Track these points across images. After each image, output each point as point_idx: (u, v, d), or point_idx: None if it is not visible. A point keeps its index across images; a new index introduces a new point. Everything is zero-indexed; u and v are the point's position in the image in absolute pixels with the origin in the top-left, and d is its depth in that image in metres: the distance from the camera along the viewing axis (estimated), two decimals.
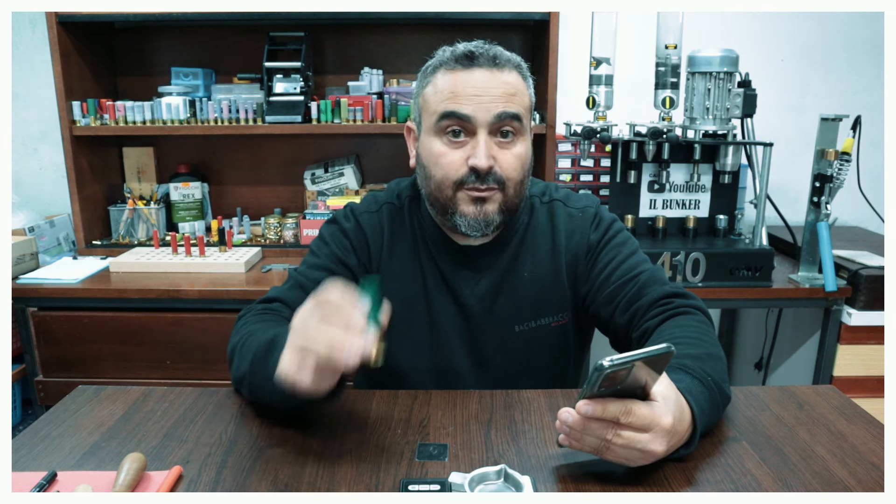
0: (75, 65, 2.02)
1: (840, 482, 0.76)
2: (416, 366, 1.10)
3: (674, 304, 1.00)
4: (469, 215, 0.99)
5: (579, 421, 0.73)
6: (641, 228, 1.92)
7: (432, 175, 1.00)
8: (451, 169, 0.98)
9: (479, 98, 0.96)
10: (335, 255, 1.08)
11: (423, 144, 1.03)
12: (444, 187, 0.99)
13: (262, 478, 0.77)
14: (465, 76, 0.98)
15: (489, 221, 1.00)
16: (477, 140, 0.97)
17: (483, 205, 0.99)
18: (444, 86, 0.98)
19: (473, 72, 0.98)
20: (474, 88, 0.97)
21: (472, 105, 0.96)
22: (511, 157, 0.99)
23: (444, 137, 0.99)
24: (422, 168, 1.03)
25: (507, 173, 0.99)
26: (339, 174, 2.20)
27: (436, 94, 0.99)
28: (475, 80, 0.97)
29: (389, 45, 2.23)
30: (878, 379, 1.80)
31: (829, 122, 1.70)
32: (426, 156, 1.02)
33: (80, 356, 1.79)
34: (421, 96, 1.03)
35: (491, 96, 0.97)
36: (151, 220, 2.15)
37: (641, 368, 0.70)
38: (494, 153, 0.98)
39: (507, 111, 0.97)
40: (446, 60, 1.00)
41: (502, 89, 0.97)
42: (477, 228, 1.00)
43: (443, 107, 0.98)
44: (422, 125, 1.03)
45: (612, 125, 1.78)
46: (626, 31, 2.05)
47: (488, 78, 0.97)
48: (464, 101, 0.96)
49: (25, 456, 0.82)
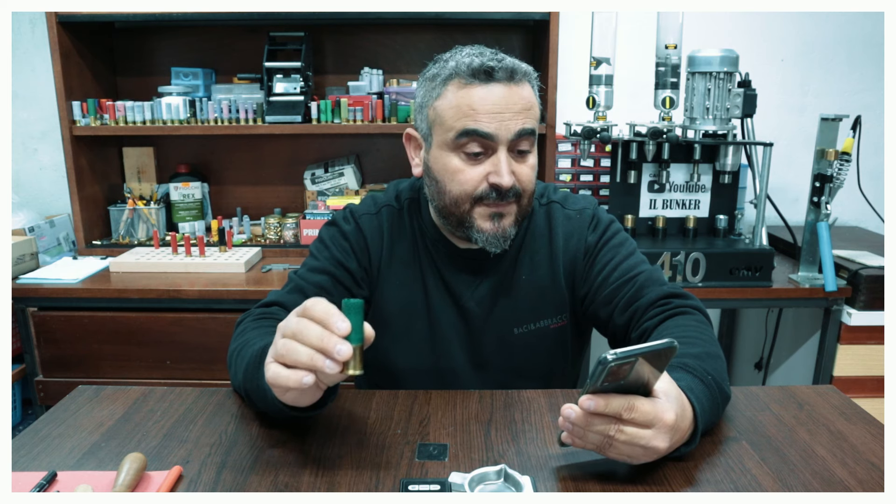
0: (75, 65, 2.02)
1: (840, 482, 0.76)
2: (416, 368, 1.10)
3: (673, 305, 1.00)
4: (487, 231, 0.99)
5: (582, 416, 0.73)
6: (641, 228, 1.92)
7: (448, 190, 0.99)
8: (470, 186, 0.98)
9: (500, 115, 0.95)
10: (335, 257, 1.08)
11: (435, 158, 1.01)
12: (461, 202, 0.99)
13: (262, 478, 0.77)
14: (483, 92, 0.95)
15: (507, 236, 1.01)
16: (498, 158, 0.96)
17: (500, 220, 0.99)
18: (461, 101, 0.96)
19: (491, 87, 0.95)
20: (493, 105, 0.95)
21: (494, 123, 0.95)
22: (527, 169, 0.99)
23: (461, 154, 0.98)
24: (433, 181, 1.02)
25: (524, 186, 0.99)
26: (339, 174, 2.20)
27: (451, 109, 0.97)
28: (494, 96, 0.95)
29: (389, 45, 2.23)
30: (878, 379, 1.80)
31: (829, 122, 1.70)
32: (440, 170, 1.00)
33: (80, 356, 1.79)
34: (431, 108, 1.00)
35: (510, 112, 0.95)
36: (151, 220, 2.15)
37: (644, 364, 0.70)
38: (513, 168, 0.97)
39: (525, 128, 0.96)
40: (460, 73, 0.96)
41: (520, 105, 0.96)
42: (496, 245, 1.00)
43: (461, 124, 0.96)
44: (432, 137, 1.01)
45: (612, 125, 1.78)
46: (626, 31, 2.05)
47: (507, 94, 0.96)
48: (484, 118, 0.95)
49: (25, 456, 0.82)
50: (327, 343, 0.68)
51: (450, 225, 1.03)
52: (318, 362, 0.68)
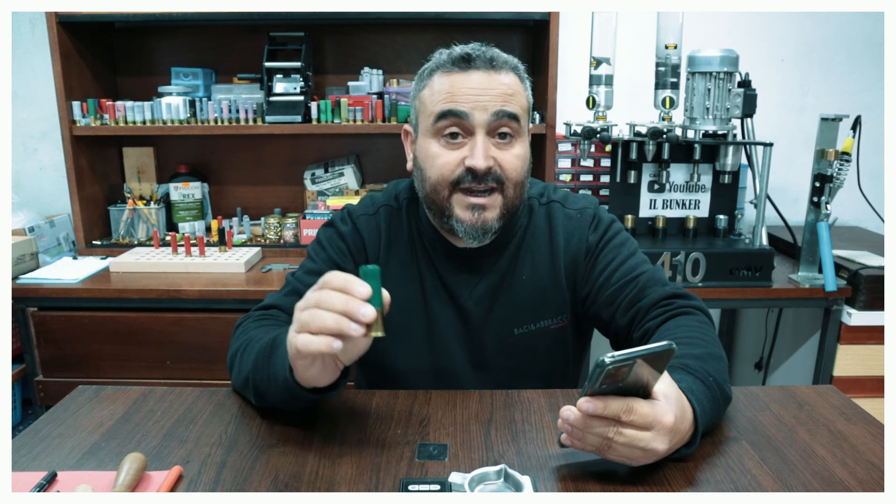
0: (75, 65, 2.02)
1: (840, 482, 0.76)
2: (415, 368, 1.10)
3: (675, 305, 1.00)
4: (466, 221, 0.99)
5: (581, 418, 0.73)
6: (641, 228, 1.92)
7: (428, 176, 1.00)
8: (447, 169, 0.98)
9: (477, 98, 0.96)
10: (331, 259, 1.08)
11: (419, 146, 1.02)
12: (439, 188, 0.99)
13: (262, 478, 0.77)
14: (462, 78, 0.97)
15: (487, 229, 1.00)
16: (475, 140, 0.97)
17: (482, 212, 0.99)
18: (441, 87, 0.98)
19: (470, 74, 0.97)
20: (471, 89, 0.96)
21: (470, 104, 0.96)
22: (511, 156, 0.99)
23: (440, 139, 0.99)
24: (418, 170, 1.03)
25: (508, 173, 0.98)
26: (339, 174, 2.20)
27: (432, 96, 0.99)
28: (472, 81, 0.97)
29: (389, 45, 2.23)
30: (878, 379, 1.80)
31: (829, 122, 1.70)
32: (422, 157, 1.01)
33: (80, 356, 1.79)
34: (417, 99, 1.03)
35: (489, 96, 0.96)
36: (151, 220, 2.15)
37: (643, 366, 0.70)
38: (493, 153, 0.97)
39: (504, 110, 0.97)
40: (443, 63, 0.99)
41: (500, 90, 0.97)
42: (474, 236, 1.00)
43: (439, 107, 0.97)
44: (419, 128, 1.03)
45: (612, 125, 1.78)
46: (626, 31, 2.05)
47: (486, 79, 0.97)
48: (461, 100, 0.96)
49: (25, 456, 0.82)
50: (352, 307, 0.72)
51: (435, 217, 1.04)
52: (345, 325, 0.71)
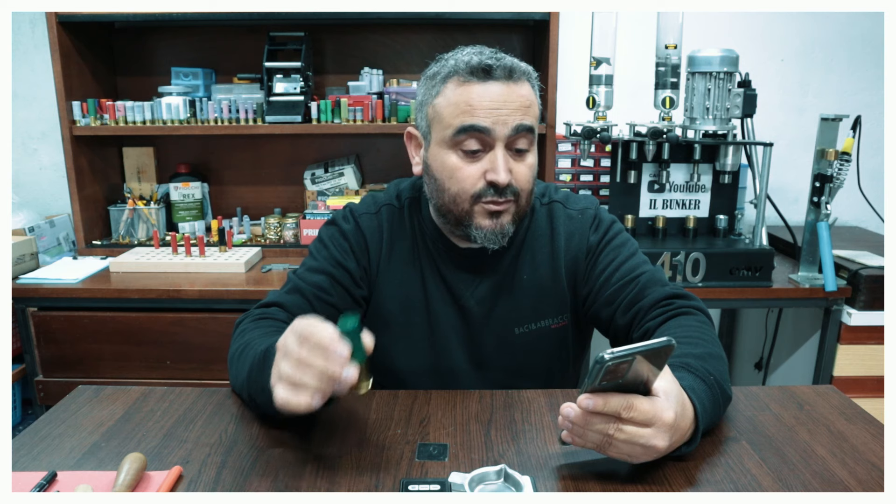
0: (75, 65, 2.02)
1: (840, 482, 0.76)
2: (415, 368, 1.10)
3: (675, 305, 1.00)
4: (486, 228, 0.99)
5: (581, 415, 0.73)
6: (641, 228, 1.92)
7: (447, 188, 0.99)
8: (468, 183, 0.98)
9: (498, 112, 0.95)
10: (334, 257, 1.08)
11: (434, 156, 1.01)
12: (460, 201, 0.99)
13: (262, 478, 0.77)
14: (481, 89, 0.96)
15: (505, 233, 1.01)
16: (495, 155, 0.96)
17: (499, 217, 0.99)
18: (459, 98, 0.96)
19: (489, 85, 0.96)
20: (491, 102, 0.95)
21: (491, 118, 0.95)
22: (525, 168, 0.99)
23: (459, 151, 0.98)
24: (433, 180, 1.02)
25: (521, 185, 0.99)
26: (339, 174, 2.20)
27: (450, 107, 0.97)
28: (492, 93, 0.96)
29: (389, 45, 2.23)
30: (878, 379, 1.80)
31: (829, 122, 1.70)
32: (438, 168, 1.00)
33: (80, 356, 1.79)
34: (430, 106, 1.00)
35: (508, 109, 0.96)
36: (151, 220, 2.15)
37: (642, 362, 0.70)
38: (510, 166, 0.97)
39: (523, 124, 0.96)
40: (459, 71, 0.97)
41: (518, 102, 0.97)
42: (494, 241, 1.01)
43: (459, 121, 0.96)
44: (431, 135, 1.01)
45: (612, 125, 1.78)
46: (626, 31, 2.05)
47: (505, 91, 0.96)
48: (481, 114, 0.95)
49: (25, 456, 0.82)
50: (333, 371, 0.71)
51: (449, 223, 1.04)
52: (326, 387, 0.71)
